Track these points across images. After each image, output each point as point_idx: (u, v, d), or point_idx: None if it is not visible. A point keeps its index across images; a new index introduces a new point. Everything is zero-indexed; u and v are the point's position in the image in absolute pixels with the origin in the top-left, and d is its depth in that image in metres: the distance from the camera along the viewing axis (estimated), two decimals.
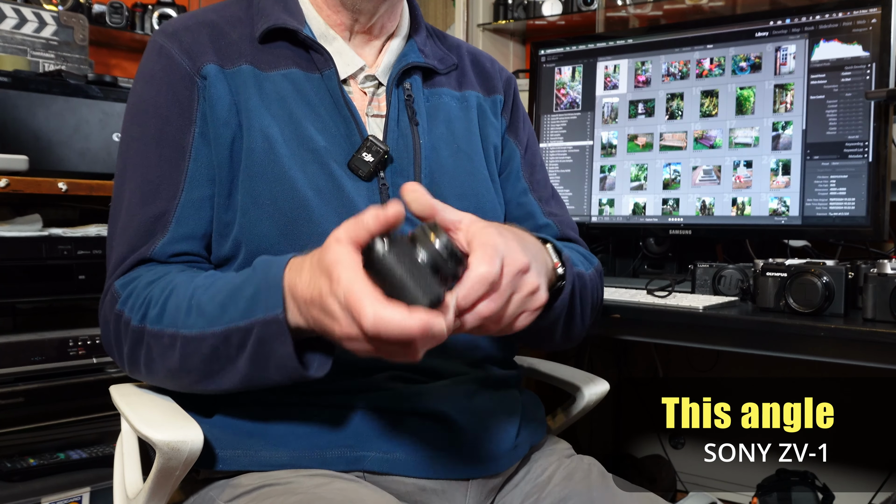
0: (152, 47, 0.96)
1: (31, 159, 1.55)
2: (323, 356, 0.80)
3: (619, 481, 0.97)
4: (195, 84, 0.92)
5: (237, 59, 0.94)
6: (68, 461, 1.62)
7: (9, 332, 1.63)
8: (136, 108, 0.95)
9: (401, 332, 0.63)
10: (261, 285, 0.77)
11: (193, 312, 0.81)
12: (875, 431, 2.03)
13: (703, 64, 1.67)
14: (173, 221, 0.90)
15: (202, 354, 0.81)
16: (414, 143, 0.97)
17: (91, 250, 1.65)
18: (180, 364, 0.83)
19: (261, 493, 0.86)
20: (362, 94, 1.00)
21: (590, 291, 0.99)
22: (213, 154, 0.92)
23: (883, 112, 1.46)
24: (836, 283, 1.27)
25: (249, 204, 0.90)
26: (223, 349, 0.80)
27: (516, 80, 1.17)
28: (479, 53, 1.15)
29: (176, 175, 0.91)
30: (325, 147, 0.93)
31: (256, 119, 0.92)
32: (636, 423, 2.43)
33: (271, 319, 0.75)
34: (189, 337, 0.81)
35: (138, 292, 0.87)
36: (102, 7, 2.25)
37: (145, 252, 0.90)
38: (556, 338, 0.98)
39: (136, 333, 0.85)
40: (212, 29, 0.96)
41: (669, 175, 1.70)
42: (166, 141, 0.92)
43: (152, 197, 0.91)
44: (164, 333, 0.83)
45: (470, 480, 0.92)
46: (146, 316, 0.84)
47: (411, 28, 1.06)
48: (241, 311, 0.78)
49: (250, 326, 0.77)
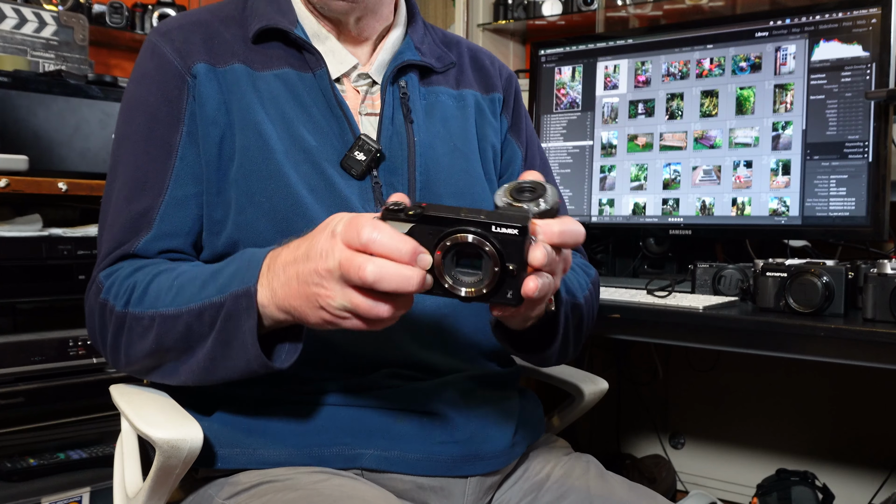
0: (146, 46, 0.97)
1: (31, 159, 1.55)
2: (291, 345, 0.80)
3: (618, 479, 0.97)
4: (185, 83, 0.93)
5: (230, 58, 0.95)
6: (68, 461, 1.62)
7: (9, 332, 1.63)
8: (128, 106, 0.96)
9: (394, 245, 0.65)
10: (241, 264, 0.79)
11: (173, 292, 0.83)
12: (875, 431, 2.03)
13: (703, 64, 1.67)
14: (157, 218, 0.91)
15: (177, 332, 0.82)
16: (409, 141, 0.97)
17: (91, 250, 1.66)
18: (156, 343, 0.83)
19: (259, 490, 0.86)
20: (355, 93, 1.00)
21: (585, 319, 0.99)
22: (201, 153, 0.92)
23: (883, 112, 1.46)
24: (836, 283, 1.27)
25: (245, 202, 0.91)
26: (196, 326, 0.80)
27: (517, 78, 1.17)
28: (479, 51, 1.14)
29: (162, 173, 0.92)
30: (317, 147, 0.93)
31: (251, 117, 0.92)
32: (636, 423, 2.43)
33: (242, 293, 0.76)
34: (166, 315, 0.82)
35: (121, 280, 0.88)
36: (102, 7, 2.25)
37: (129, 248, 0.90)
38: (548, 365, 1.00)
39: (118, 319, 0.86)
40: (205, 28, 0.96)
41: (669, 175, 1.70)
42: (154, 139, 0.92)
43: (138, 194, 0.91)
44: (145, 315, 0.84)
45: (468, 478, 0.92)
46: (129, 301, 0.85)
47: (408, 24, 1.06)
48: (219, 287, 0.79)
49: (223, 301, 0.78)
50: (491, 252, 0.66)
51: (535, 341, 0.91)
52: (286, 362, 0.80)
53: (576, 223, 0.72)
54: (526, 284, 0.67)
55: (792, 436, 2.15)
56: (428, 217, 0.67)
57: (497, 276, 0.67)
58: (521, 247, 0.66)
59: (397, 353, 0.92)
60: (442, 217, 0.67)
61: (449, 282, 0.67)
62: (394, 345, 0.92)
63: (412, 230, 0.67)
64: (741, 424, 2.23)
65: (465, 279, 0.67)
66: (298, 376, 0.91)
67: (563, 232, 0.71)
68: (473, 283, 0.67)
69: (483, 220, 0.66)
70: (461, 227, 0.66)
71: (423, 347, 0.94)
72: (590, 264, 1.09)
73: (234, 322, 0.77)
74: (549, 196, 0.72)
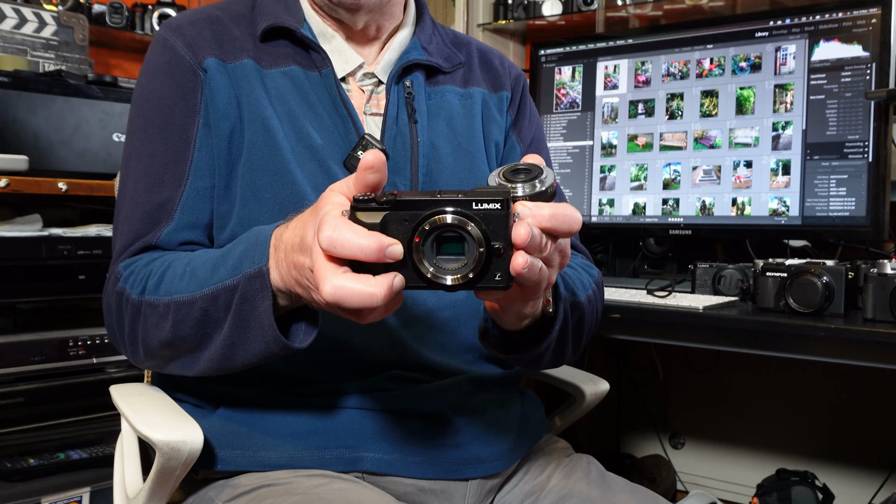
0: (157, 40, 0.97)
1: (31, 159, 1.55)
2: (308, 326, 0.78)
3: (618, 480, 0.97)
4: (197, 76, 0.93)
5: (239, 54, 0.95)
6: (68, 461, 1.62)
7: (9, 332, 1.64)
8: (141, 99, 0.96)
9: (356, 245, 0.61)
10: (250, 243, 0.77)
11: (186, 277, 0.82)
12: (875, 431, 2.03)
13: (703, 64, 1.67)
14: (178, 210, 0.91)
15: (193, 319, 0.80)
16: (412, 141, 0.97)
17: (91, 250, 1.66)
18: (172, 332, 0.82)
19: (260, 493, 0.86)
20: (361, 92, 1.00)
21: (587, 320, 0.95)
22: (214, 145, 0.92)
23: (883, 112, 1.46)
24: (836, 283, 1.27)
25: (249, 196, 0.91)
26: (212, 311, 0.79)
27: (526, 78, 1.16)
28: (489, 51, 1.14)
29: (180, 164, 0.92)
30: (323, 145, 0.93)
31: (259, 112, 0.92)
32: (636, 423, 2.43)
33: (255, 273, 0.74)
34: (181, 301, 0.81)
35: (139, 270, 0.87)
36: (102, 7, 2.25)
37: (151, 239, 0.90)
38: (542, 366, 0.98)
39: (134, 307, 0.85)
40: (215, 24, 0.97)
41: (669, 175, 1.70)
42: (171, 131, 0.92)
43: (157, 185, 0.91)
44: (160, 303, 0.83)
45: (469, 481, 0.91)
46: (145, 289, 0.85)
47: (416, 24, 1.06)
48: (230, 269, 0.77)
49: (236, 284, 0.76)
50: (474, 231, 0.61)
51: (528, 343, 0.87)
52: (304, 341, 0.77)
53: (571, 209, 0.67)
54: (514, 261, 0.62)
55: (792, 436, 2.15)
56: (402, 202, 0.62)
57: (482, 257, 0.61)
58: (505, 222, 0.61)
59: (399, 355, 0.92)
60: (417, 200, 0.62)
61: (431, 270, 0.62)
62: (395, 347, 0.92)
63: (386, 219, 0.62)
64: (741, 424, 2.23)
65: (448, 266, 0.62)
66: (300, 378, 0.91)
67: (555, 215, 0.65)
68: (458, 268, 0.62)
69: (462, 198, 0.61)
70: (439, 209, 0.61)
71: (424, 350, 0.94)
72: (593, 265, 1.07)
73: (250, 304, 0.75)
74: (545, 178, 0.67)
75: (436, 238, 0.62)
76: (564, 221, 0.66)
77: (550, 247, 0.66)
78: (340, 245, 0.61)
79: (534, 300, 0.76)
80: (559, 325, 0.84)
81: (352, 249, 0.61)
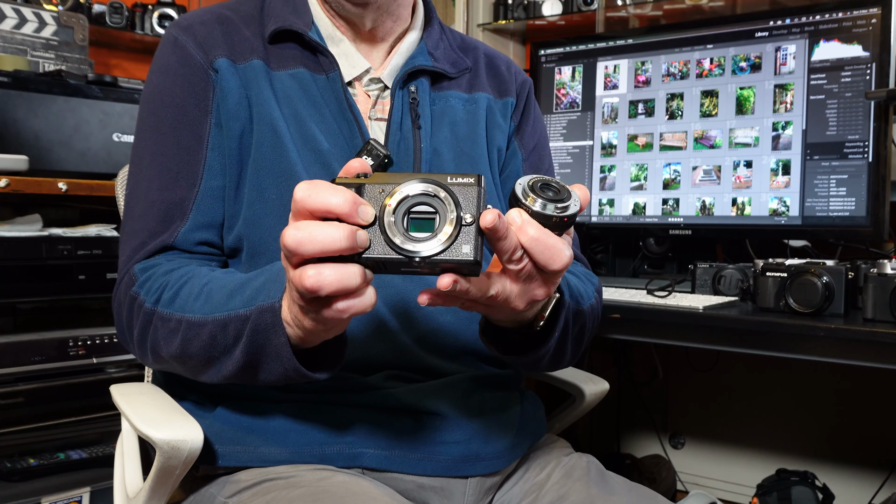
0: (167, 40, 0.97)
1: (31, 159, 1.56)
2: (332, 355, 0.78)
3: (618, 479, 0.97)
4: (209, 76, 0.93)
5: (249, 54, 0.95)
6: (68, 461, 1.62)
7: (9, 332, 1.64)
8: (152, 99, 0.95)
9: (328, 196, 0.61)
10: (270, 276, 0.77)
11: (202, 298, 0.81)
12: (875, 431, 2.03)
13: (703, 64, 1.67)
14: (193, 209, 0.90)
15: (201, 341, 0.80)
16: (415, 147, 0.97)
17: (91, 250, 1.66)
18: (181, 349, 0.82)
19: (262, 487, 0.86)
20: (366, 97, 1.00)
21: (588, 328, 0.95)
22: (225, 145, 0.92)
23: (883, 112, 1.46)
24: (836, 283, 1.27)
25: (255, 198, 0.91)
26: (220, 337, 0.79)
27: (532, 83, 1.16)
28: (496, 56, 1.13)
29: (194, 163, 0.91)
30: (328, 149, 0.94)
31: (267, 113, 0.92)
32: (636, 423, 2.43)
33: (267, 308, 0.74)
34: (192, 321, 0.81)
35: (156, 277, 0.86)
36: (102, 7, 2.25)
37: (168, 239, 0.90)
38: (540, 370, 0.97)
39: (146, 316, 0.85)
40: (226, 25, 0.97)
41: (669, 175, 1.70)
42: (183, 130, 0.92)
43: (171, 184, 0.91)
44: (172, 317, 0.83)
45: (468, 478, 0.92)
46: (160, 300, 0.84)
47: (424, 28, 1.05)
48: (246, 300, 0.77)
49: (248, 315, 0.76)
50: (445, 198, 0.62)
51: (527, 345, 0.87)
52: (325, 373, 0.77)
53: (561, 246, 0.66)
54: (483, 218, 0.61)
55: (792, 436, 2.15)
56: (378, 176, 0.64)
57: (454, 229, 0.62)
58: (476, 194, 0.62)
59: (399, 355, 0.92)
60: (393, 174, 0.64)
61: (398, 241, 0.62)
62: (395, 348, 0.92)
63: (360, 188, 0.63)
64: (741, 424, 2.23)
65: (417, 236, 0.62)
66: None
67: (537, 240, 0.64)
68: (427, 238, 0.62)
69: (437, 175, 0.64)
70: (412, 178, 0.63)
71: (424, 351, 0.94)
72: (592, 273, 1.06)
73: (263, 336, 0.75)
74: (565, 207, 0.66)
75: (407, 212, 0.63)
76: (544, 252, 0.65)
77: (528, 266, 0.66)
78: (315, 195, 0.61)
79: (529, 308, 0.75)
80: (559, 332, 0.85)
81: (326, 200, 0.61)
